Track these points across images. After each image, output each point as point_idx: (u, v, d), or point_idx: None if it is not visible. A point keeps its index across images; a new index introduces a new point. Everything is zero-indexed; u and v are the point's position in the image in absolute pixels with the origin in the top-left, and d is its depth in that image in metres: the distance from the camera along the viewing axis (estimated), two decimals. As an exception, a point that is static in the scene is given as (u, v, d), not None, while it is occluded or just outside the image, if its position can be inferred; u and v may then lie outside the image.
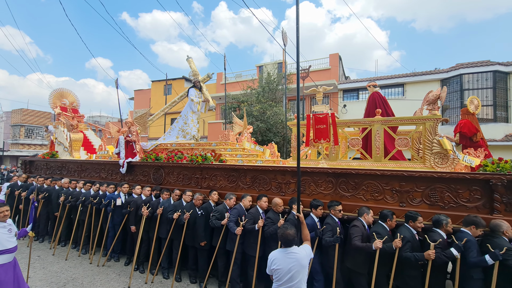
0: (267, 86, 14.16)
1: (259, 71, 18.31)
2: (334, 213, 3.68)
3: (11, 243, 3.22)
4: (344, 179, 3.92)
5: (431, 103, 3.56)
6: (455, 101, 12.90)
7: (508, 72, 12.05)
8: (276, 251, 2.64)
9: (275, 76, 14.80)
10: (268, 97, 14.04)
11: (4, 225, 3.29)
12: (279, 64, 17.11)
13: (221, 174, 4.99)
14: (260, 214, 4.14)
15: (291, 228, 2.60)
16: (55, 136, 8.76)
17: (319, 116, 4.20)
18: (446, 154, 3.44)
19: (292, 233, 2.55)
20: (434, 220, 3.22)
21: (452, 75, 13.02)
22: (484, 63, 12.26)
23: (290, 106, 16.95)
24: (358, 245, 3.29)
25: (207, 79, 6.73)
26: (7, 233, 3.25)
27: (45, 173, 8.01)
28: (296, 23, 3.32)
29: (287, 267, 2.46)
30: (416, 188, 3.50)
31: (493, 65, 12.04)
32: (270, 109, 12.76)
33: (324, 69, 15.92)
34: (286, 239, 2.54)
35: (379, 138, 3.91)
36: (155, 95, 23.61)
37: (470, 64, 12.53)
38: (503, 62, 12.14)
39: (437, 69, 14.18)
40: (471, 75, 12.46)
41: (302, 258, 2.51)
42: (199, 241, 4.54)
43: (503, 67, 12.04)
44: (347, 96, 15.82)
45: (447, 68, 13.48)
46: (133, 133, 6.32)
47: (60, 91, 9.60)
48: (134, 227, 5.21)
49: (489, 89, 12.12)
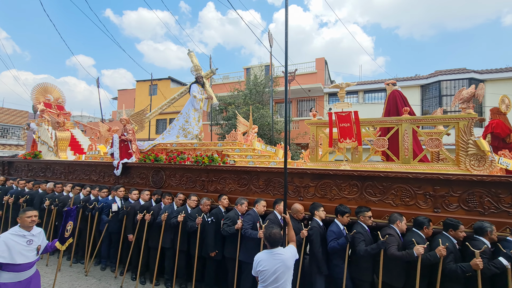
0: (254, 88, 14.07)
1: (247, 73, 18.14)
2: (364, 219, 3.36)
3: (24, 258, 2.68)
4: (371, 183, 3.61)
5: (465, 101, 3.32)
6: (434, 106, 13.39)
7: (482, 80, 12.48)
8: (262, 253, 2.64)
9: (262, 78, 14.72)
10: (255, 99, 13.96)
11: (25, 234, 2.81)
12: (266, 66, 17.01)
13: (230, 176, 4.56)
14: (279, 221, 3.75)
15: (277, 228, 2.65)
16: (37, 135, 7.99)
17: (342, 114, 3.88)
18: (484, 156, 3.20)
19: (278, 233, 2.59)
20: (476, 228, 2.95)
21: (431, 81, 13.48)
22: (461, 71, 12.72)
23: (277, 108, 16.87)
24: (396, 254, 2.96)
25: (210, 75, 6.29)
26: (25, 245, 2.74)
27: (26, 175, 7.25)
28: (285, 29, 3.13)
29: (272, 268, 2.47)
30: (452, 192, 3.23)
31: (469, 73, 12.52)
32: (257, 111, 12.62)
33: (311, 73, 16.03)
34: (273, 239, 2.56)
35: (407, 139, 3.63)
36: (140, 95, 22.93)
37: (448, 71, 12.98)
38: (477, 70, 12.61)
39: (417, 75, 14.62)
40: (448, 81, 12.96)
41: (287, 259, 2.53)
42: (209, 251, 4.10)
43: (478, 75, 12.50)
44: (333, 100, 16.06)
45: (427, 75, 13.87)
46: (128, 131, 5.78)
47: (44, 86, 8.81)
48: (131, 235, 4.69)
49: None
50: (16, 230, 2.81)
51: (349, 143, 3.62)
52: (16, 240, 2.73)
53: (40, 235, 2.99)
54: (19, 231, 2.81)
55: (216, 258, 4.16)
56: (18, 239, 2.75)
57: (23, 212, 2.88)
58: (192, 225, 4.10)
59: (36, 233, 2.94)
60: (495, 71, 12.49)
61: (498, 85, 12.36)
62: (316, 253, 3.43)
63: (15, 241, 2.71)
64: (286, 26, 3.13)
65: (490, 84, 12.47)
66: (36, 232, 2.95)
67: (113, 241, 5.08)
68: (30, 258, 2.76)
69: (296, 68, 15.37)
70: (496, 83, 12.41)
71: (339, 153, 4.23)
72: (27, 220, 2.84)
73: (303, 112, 16.65)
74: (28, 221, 2.84)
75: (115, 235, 5.03)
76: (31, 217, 2.87)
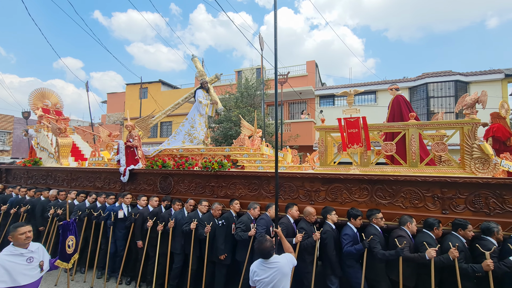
0: (245, 91, 14.15)
1: (238, 76, 18.25)
2: (376, 221, 3.48)
3: (28, 278, 2.46)
4: (381, 186, 3.73)
5: (469, 107, 3.49)
6: (421, 108, 13.70)
7: (468, 82, 12.94)
8: (257, 263, 2.64)
9: (254, 81, 14.83)
10: (247, 102, 14.01)
11: (23, 252, 2.54)
12: (257, 69, 17.15)
13: (240, 182, 4.62)
14: (292, 225, 3.84)
15: (265, 240, 2.60)
16: (36, 141, 7.85)
17: (350, 120, 4.01)
18: (488, 159, 3.37)
19: (268, 246, 2.57)
20: (484, 228, 3.11)
21: (419, 83, 13.83)
22: (447, 73, 13.08)
23: (269, 111, 16.99)
24: (409, 256, 3.09)
25: (215, 80, 6.34)
26: (25, 264, 2.49)
27: (25, 183, 7.11)
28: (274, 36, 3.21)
29: (269, 277, 2.48)
30: (459, 194, 3.39)
31: (455, 75, 12.92)
32: (248, 115, 12.72)
33: (302, 76, 16.24)
34: (263, 252, 2.56)
35: (414, 143, 3.78)
36: (130, 98, 22.57)
37: (435, 73, 13.34)
38: (463, 73, 13.01)
39: (405, 78, 14.92)
40: (435, 84, 13.29)
41: (283, 266, 2.55)
42: (219, 254, 4.14)
43: (463, 77, 12.91)
44: (323, 102, 16.27)
45: (415, 77, 14.20)
46: (134, 137, 5.77)
47: (42, 91, 8.67)
48: (140, 242, 4.68)
49: (451, 97, 12.99)
50: (11, 250, 2.52)
51: (356, 148, 3.74)
52: (14, 260, 2.46)
53: (39, 250, 2.72)
54: (14, 250, 2.52)
55: (225, 262, 4.20)
56: (15, 259, 2.47)
57: (14, 229, 2.57)
58: (201, 232, 4.14)
59: (35, 249, 2.66)
60: (480, 73, 12.89)
61: (482, 87, 12.70)
62: (331, 256, 3.53)
63: (13, 261, 2.44)
64: (275, 34, 3.20)
65: (474, 86, 12.91)
66: (35, 248, 2.67)
67: (118, 248, 5.03)
68: (34, 277, 2.54)
69: (288, 71, 15.52)
70: (481, 85, 12.78)
71: (345, 156, 4.35)
72: (21, 237, 2.54)
73: (295, 115, 16.80)
74: (22, 238, 2.54)
75: (120, 241, 4.99)
76: (24, 233, 2.56)
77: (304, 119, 15.19)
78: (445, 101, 13.04)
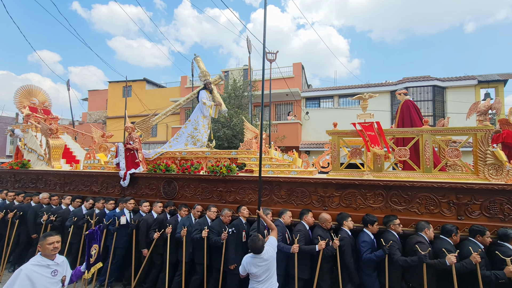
0: (233, 92, 14.05)
1: (225, 77, 18.05)
2: (394, 228, 3.46)
3: None
4: (396, 192, 3.73)
5: (482, 113, 3.54)
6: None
7: (444, 87, 13.43)
8: (249, 257, 3.01)
9: (241, 82, 14.74)
10: (234, 103, 13.93)
11: (50, 263, 2.47)
12: (244, 70, 17.04)
13: (250, 187, 4.50)
14: (308, 232, 3.76)
15: (258, 240, 2.96)
16: (23, 142, 7.37)
17: (365, 125, 3.98)
18: (501, 166, 3.43)
19: (260, 244, 2.94)
20: (501, 234, 3.15)
21: (400, 87, 14.12)
22: (426, 78, 13.51)
23: (256, 112, 16.97)
24: (429, 262, 3.08)
25: (218, 81, 6.17)
26: (50, 277, 2.41)
27: (12, 187, 6.66)
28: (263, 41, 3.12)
29: (263, 267, 2.93)
30: (474, 200, 3.43)
31: (433, 80, 13.37)
32: (236, 116, 12.58)
33: (288, 77, 16.28)
34: (256, 249, 2.94)
35: (428, 149, 3.80)
36: (113, 97, 21.72)
37: (414, 78, 13.78)
38: (440, 78, 13.49)
39: (387, 81, 15.27)
40: (415, 88, 13.70)
41: (271, 253, 3.02)
42: (229, 264, 4.01)
43: (441, 82, 13.39)
44: (309, 104, 16.39)
45: (396, 81, 14.62)
46: (134, 140, 5.51)
47: (28, 88, 8.16)
48: (146, 250, 4.47)
49: (429, 101, 13.46)
50: (38, 260, 2.46)
51: (378, 150, 3.70)
52: (40, 271, 2.39)
53: (63, 263, 2.66)
54: (42, 261, 2.46)
55: (236, 272, 4.07)
56: (42, 270, 2.41)
57: (44, 239, 2.53)
58: (216, 240, 3.99)
59: (60, 261, 2.61)
60: (455, 79, 13.36)
61: (458, 92, 13.25)
62: (348, 264, 3.47)
63: (39, 273, 2.37)
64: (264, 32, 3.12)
65: (450, 91, 13.38)
66: (60, 261, 2.61)
67: (117, 256, 4.79)
68: None
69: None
70: (456, 90, 13.29)
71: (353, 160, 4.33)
72: (49, 247, 2.48)
73: (281, 116, 16.83)
74: (49, 248, 2.48)
75: (120, 249, 4.75)
76: (52, 243, 2.50)
77: (291, 120, 15.29)
78: (424, 105, 13.43)
